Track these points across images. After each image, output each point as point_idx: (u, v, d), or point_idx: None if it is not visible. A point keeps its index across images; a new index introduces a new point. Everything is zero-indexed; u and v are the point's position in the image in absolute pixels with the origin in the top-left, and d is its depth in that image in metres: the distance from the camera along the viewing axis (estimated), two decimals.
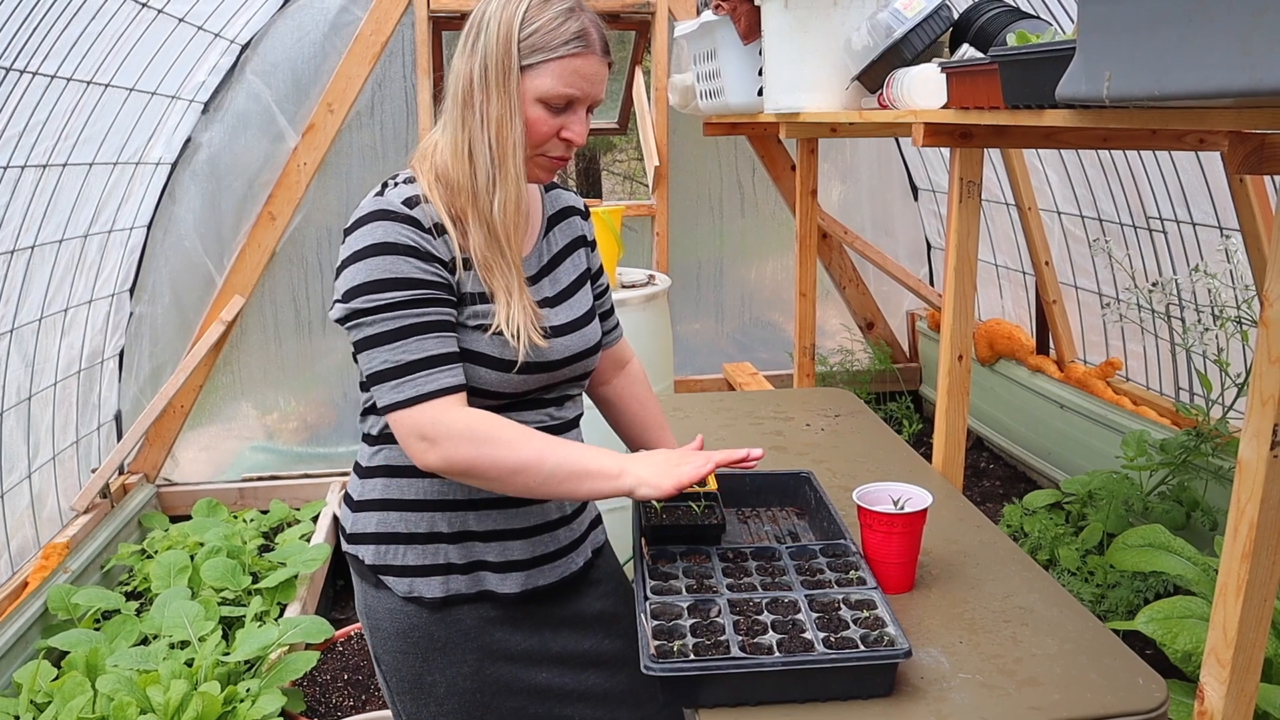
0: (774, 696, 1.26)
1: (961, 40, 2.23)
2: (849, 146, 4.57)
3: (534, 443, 1.28)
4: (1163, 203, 3.09)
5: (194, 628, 2.66)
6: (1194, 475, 2.87)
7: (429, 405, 1.28)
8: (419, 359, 1.29)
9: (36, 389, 3.17)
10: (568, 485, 1.29)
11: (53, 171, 2.96)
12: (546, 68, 1.32)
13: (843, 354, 4.66)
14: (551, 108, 1.34)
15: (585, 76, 1.34)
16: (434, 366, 1.29)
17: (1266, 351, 1.20)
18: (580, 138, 1.36)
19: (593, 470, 1.29)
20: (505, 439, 1.28)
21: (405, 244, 1.30)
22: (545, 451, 1.28)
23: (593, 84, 1.35)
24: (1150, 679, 1.30)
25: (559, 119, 1.35)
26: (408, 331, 1.29)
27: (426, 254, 1.31)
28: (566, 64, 1.32)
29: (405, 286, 1.29)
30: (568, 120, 1.35)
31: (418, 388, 1.28)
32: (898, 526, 1.50)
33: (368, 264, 1.29)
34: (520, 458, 1.27)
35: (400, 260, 1.30)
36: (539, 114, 1.34)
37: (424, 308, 1.30)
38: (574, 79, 1.33)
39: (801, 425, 2.37)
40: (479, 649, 1.46)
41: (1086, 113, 1.40)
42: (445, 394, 1.29)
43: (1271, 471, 1.22)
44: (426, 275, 1.31)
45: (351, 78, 3.84)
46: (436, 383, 1.29)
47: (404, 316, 1.29)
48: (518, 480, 1.29)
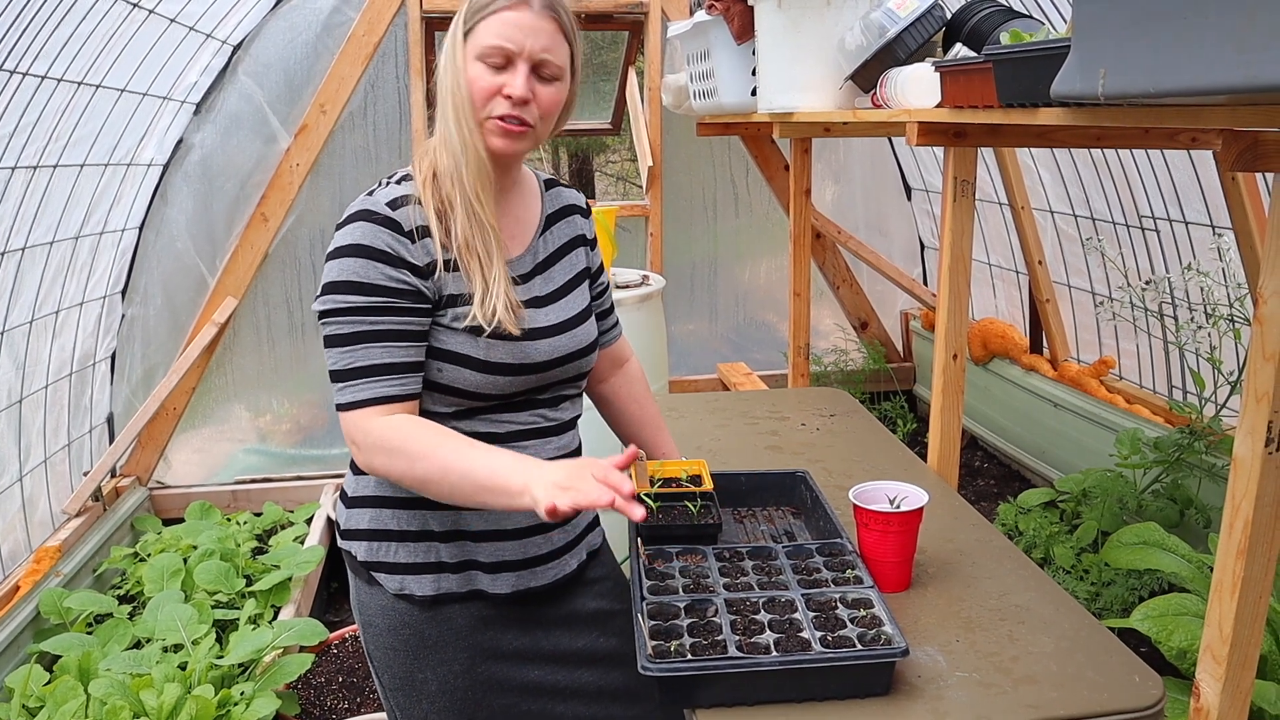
0: (771, 696, 1.26)
1: (954, 40, 2.24)
2: (843, 146, 4.57)
3: (440, 455, 1.27)
4: (1155, 201, 3.10)
5: (187, 631, 2.65)
6: (1188, 473, 2.88)
7: (357, 413, 1.31)
8: (361, 366, 1.31)
9: (28, 392, 3.15)
10: (475, 499, 1.28)
11: (43, 173, 2.94)
12: (483, 25, 1.34)
13: (837, 354, 4.66)
14: (489, 64, 1.34)
15: (516, 26, 1.33)
16: (372, 376, 1.31)
17: (1261, 348, 1.20)
18: (518, 90, 1.34)
19: (494, 487, 1.24)
20: (412, 451, 1.28)
21: (378, 248, 1.32)
22: (449, 465, 1.26)
23: (525, 35, 1.34)
24: (1146, 676, 1.31)
25: (499, 76, 1.35)
26: (359, 338, 1.31)
27: (399, 260, 1.32)
28: (499, 16, 1.34)
29: (367, 292, 1.31)
30: (507, 78, 1.35)
31: (354, 394, 1.31)
32: (894, 525, 1.50)
33: (341, 264, 1.32)
34: (424, 471, 1.27)
35: (370, 265, 1.31)
36: (478, 72, 1.34)
37: (380, 315, 1.31)
38: (503, 28, 1.33)
39: (797, 425, 2.37)
40: (470, 648, 1.46)
41: (1080, 111, 1.40)
42: (375, 404, 1.31)
43: (1266, 468, 1.22)
44: (392, 283, 1.32)
45: (344, 78, 3.83)
46: (369, 392, 1.31)
47: (358, 322, 1.31)
48: (430, 490, 1.30)
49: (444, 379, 1.37)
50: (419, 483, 1.29)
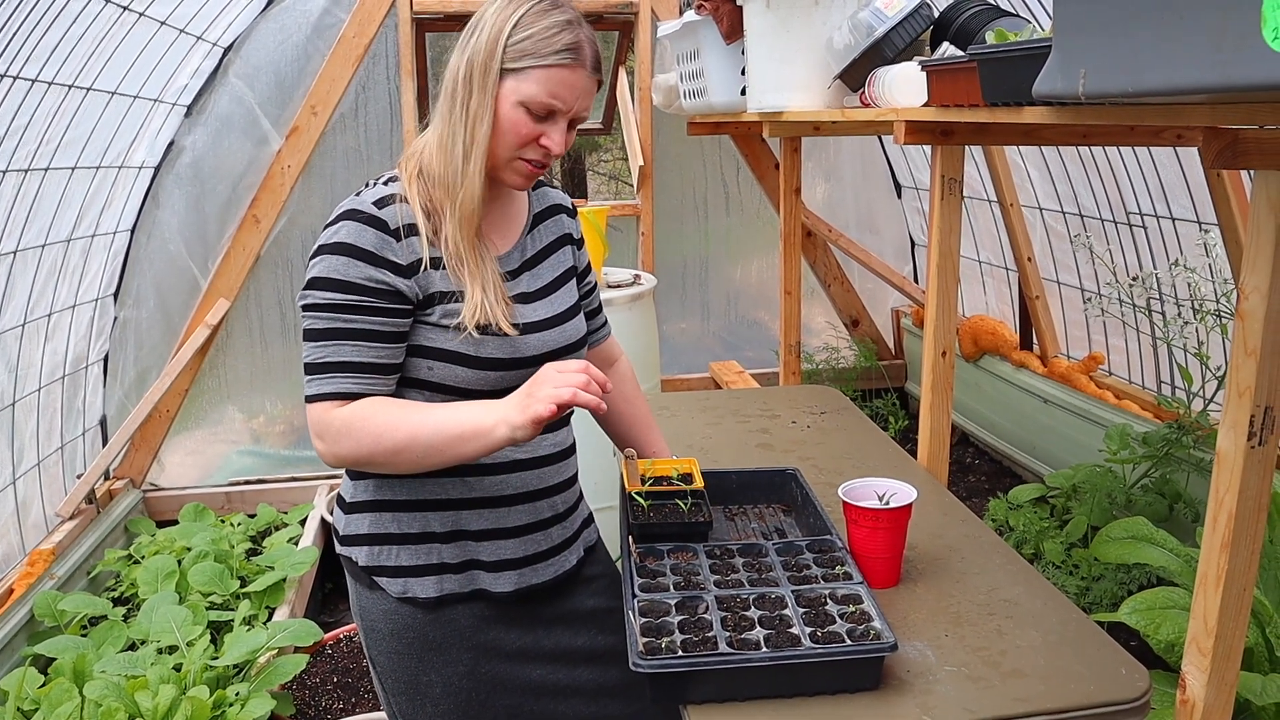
0: (762, 691, 1.27)
1: (942, 38, 2.25)
2: (832, 145, 4.59)
3: (407, 421, 1.29)
4: (1142, 198, 3.12)
5: (182, 632, 2.65)
6: (1176, 468, 2.90)
7: (318, 406, 1.32)
8: (329, 361, 1.33)
9: (20, 395, 3.15)
10: (450, 452, 1.29)
11: (35, 176, 2.94)
12: (533, 74, 1.34)
13: (828, 351, 4.67)
14: (533, 113, 1.35)
15: (570, 87, 1.35)
16: (338, 372, 1.32)
17: (1243, 343, 1.22)
18: (558, 147, 1.37)
19: (467, 434, 1.27)
20: (377, 427, 1.29)
21: (362, 247, 1.33)
22: (416, 430, 1.29)
23: (576, 97, 1.36)
24: (1133, 669, 1.32)
25: (539, 126, 1.36)
26: (331, 334, 1.33)
27: (382, 260, 1.34)
28: (554, 74, 1.34)
29: (345, 290, 1.32)
30: (548, 128, 1.37)
31: (317, 387, 1.33)
32: (883, 522, 1.51)
33: (324, 261, 1.34)
34: (393, 442, 1.29)
35: (351, 263, 1.33)
36: (519, 117, 1.35)
37: (355, 314, 1.33)
38: (558, 89, 1.34)
39: (788, 423, 2.38)
40: (474, 648, 1.47)
41: (1064, 110, 1.41)
42: (335, 399, 1.32)
43: (1249, 462, 1.23)
44: (371, 283, 1.33)
45: (335, 80, 3.83)
46: (330, 386, 1.32)
47: (333, 319, 1.33)
48: (403, 460, 1.31)
49: (435, 377, 1.38)
50: (389, 455, 1.30)
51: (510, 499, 1.46)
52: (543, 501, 1.49)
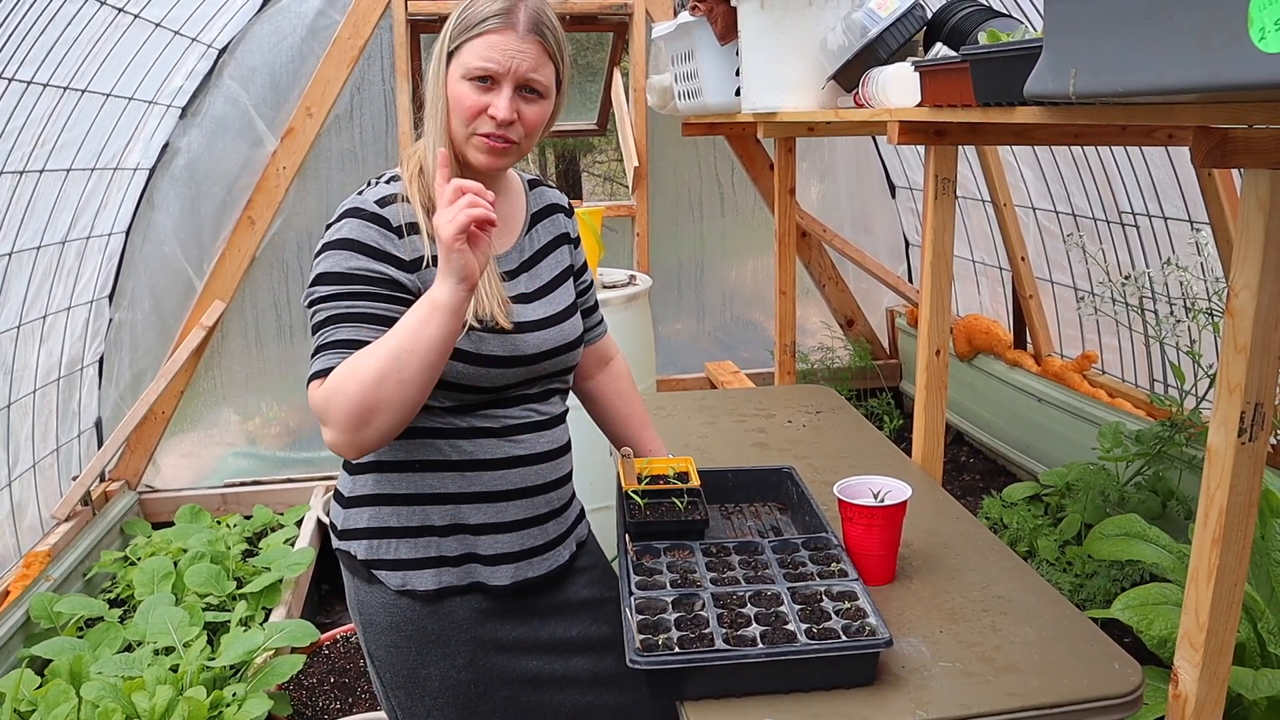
0: (758, 687, 1.28)
1: (935, 39, 2.26)
2: (827, 145, 4.60)
3: (380, 350, 1.26)
4: (1135, 197, 3.14)
5: (178, 633, 2.65)
6: (1169, 465, 2.91)
7: (311, 388, 1.32)
8: (327, 343, 1.33)
9: (15, 397, 3.14)
10: (432, 349, 1.25)
11: (29, 177, 2.94)
12: (467, 46, 1.38)
13: (823, 351, 4.69)
14: (475, 84, 1.37)
15: (500, 50, 1.36)
16: (332, 349, 1.33)
17: (1233, 340, 1.23)
18: (502, 113, 1.37)
19: (423, 315, 1.25)
20: (351, 366, 1.27)
21: (364, 242, 1.36)
22: (393, 349, 1.25)
23: (510, 57, 1.37)
24: (1126, 664, 1.33)
25: (484, 97, 1.38)
26: (331, 320, 1.34)
27: (384, 253, 1.36)
28: (484, 40, 1.37)
29: (345, 280, 1.35)
30: (492, 98, 1.38)
31: (314, 366, 1.33)
32: (878, 519, 1.52)
33: (330, 257, 1.36)
34: (373, 369, 1.25)
35: (354, 256, 1.35)
36: (463, 91, 1.38)
37: (352, 300, 1.34)
38: (488, 51, 1.36)
39: (783, 422, 2.39)
40: (472, 640, 1.49)
41: (1055, 110, 1.42)
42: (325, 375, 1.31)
43: (1239, 458, 1.25)
44: (372, 273, 1.35)
45: (330, 81, 3.83)
46: (321, 363, 1.32)
47: (333, 306, 1.34)
48: (391, 386, 1.24)
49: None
50: (375, 385, 1.24)
51: (509, 494, 1.47)
52: (540, 497, 1.51)
